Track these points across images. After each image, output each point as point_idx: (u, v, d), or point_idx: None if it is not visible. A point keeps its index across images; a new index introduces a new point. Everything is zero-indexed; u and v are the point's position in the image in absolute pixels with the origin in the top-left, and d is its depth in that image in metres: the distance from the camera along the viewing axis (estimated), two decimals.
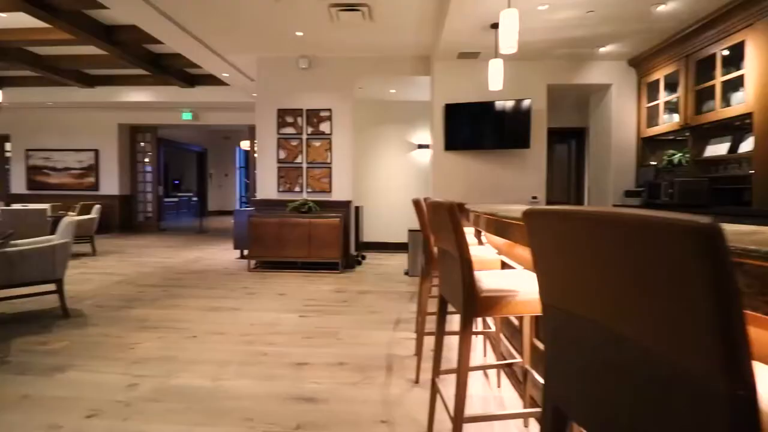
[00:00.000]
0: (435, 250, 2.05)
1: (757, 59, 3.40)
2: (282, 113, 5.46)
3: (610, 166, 5.20)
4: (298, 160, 5.44)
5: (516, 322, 2.24)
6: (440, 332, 1.66)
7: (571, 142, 6.99)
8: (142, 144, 9.77)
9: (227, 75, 6.48)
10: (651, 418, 0.56)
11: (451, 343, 2.65)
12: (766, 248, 0.67)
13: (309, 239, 4.94)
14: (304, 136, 5.43)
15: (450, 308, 1.57)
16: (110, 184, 9.18)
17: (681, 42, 4.29)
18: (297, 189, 5.44)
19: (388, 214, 6.84)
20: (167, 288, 4.24)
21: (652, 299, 0.52)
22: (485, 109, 5.01)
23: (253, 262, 5.23)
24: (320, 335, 2.88)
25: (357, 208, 5.63)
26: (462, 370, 1.33)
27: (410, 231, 5.12)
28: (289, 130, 5.46)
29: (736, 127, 3.96)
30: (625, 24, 4.06)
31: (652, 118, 4.87)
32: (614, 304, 0.59)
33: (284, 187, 5.45)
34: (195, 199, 14.31)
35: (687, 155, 4.40)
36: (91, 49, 5.95)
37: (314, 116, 5.43)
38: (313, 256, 4.97)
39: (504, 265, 2.26)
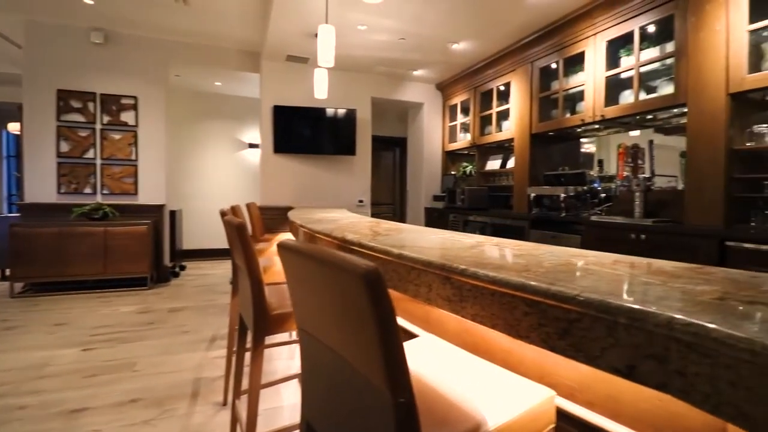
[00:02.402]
0: None
1: (518, 97, 4.42)
2: (65, 95, 4.38)
3: (422, 173, 5.97)
4: (90, 154, 4.45)
5: None
6: (240, 350, 1.59)
7: (395, 150, 7.76)
8: None
9: None
10: (361, 426, 0.64)
11: (269, 354, 2.59)
12: (463, 266, 0.86)
13: (105, 252, 4.10)
14: (98, 126, 4.48)
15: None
16: None
17: (471, 75, 5.24)
18: (88, 190, 4.44)
19: (215, 217, 6.27)
20: None
21: (348, 324, 0.59)
22: (314, 114, 5.09)
23: (19, 285, 4.04)
24: (109, 370, 2.41)
25: (173, 213, 4.97)
26: (253, 390, 1.30)
27: None
28: (76, 117, 4.42)
29: (505, 148, 5.07)
30: (430, 54, 4.72)
31: (453, 135, 5.81)
32: (330, 327, 0.66)
33: (68, 188, 4.38)
34: None
35: (475, 168, 5.41)
36: None
37: (113, 103, 4.53)
38: (111, 272, 4.14)
39: None
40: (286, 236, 3.39)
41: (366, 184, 5.53)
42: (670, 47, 2.91)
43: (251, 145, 6.50)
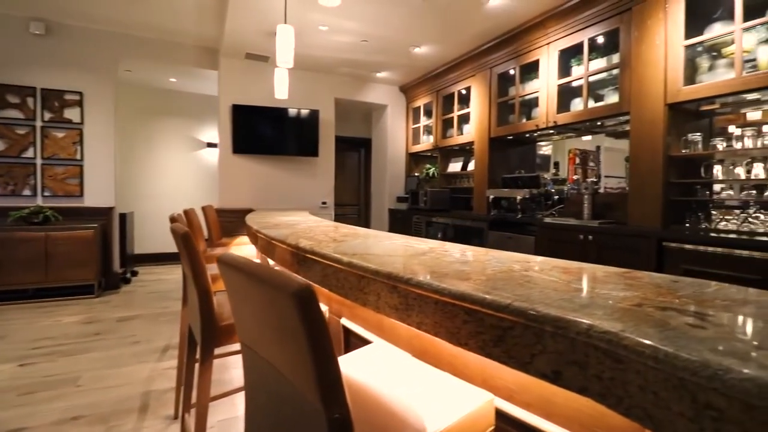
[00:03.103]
0: None
1: (478, 101, 4.53)
2: (0, 90, 4.04)
3: (386, 175, 6.00)
4: (29, 153, 4.13)
5: None
6: (190, 362, 1.53)
7: (361, 150, 7.75)
8: None
9: None
10: None
11: (225, 362, 2.51)
12: (409, 276, 0.87)
13: (46, 258, 3.81)
14: (39, 124, 4.17)
15: None
16: None
17: (433, 79, 5.32)
18: (27, 192, 4.12)
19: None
20: None
21: (283, 340, 0.58)
22: (275, 114, 4.99)
23: None
24: (49, 386, 2.25)
25: (123, 215, 4.71)
26: (201, 404, 1.25)
27: None
28: (14, 113, 4.09)
29: (466, 151, 5.20)
30: (392, 57, 4.75)
31: (416, 137, 5.88)
32: (267, 342, 0.65)
33: (4, 190, 4.03)
34: None
35: (437, 169, 5.50)
36: None
37: (55, 99, 4.23)
38: (53, 280, 3.86)
39: None
40: (245, 240, 3.31)
41: (329, 186, 5.49)
42: (615, 58, 3.09)
43: (209, 145, 6.28)
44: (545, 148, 5.80)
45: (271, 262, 2.12)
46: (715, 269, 2.17)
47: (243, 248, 2.92)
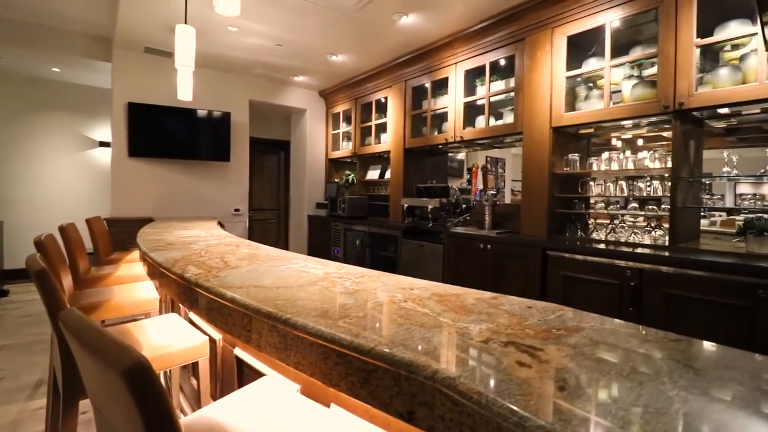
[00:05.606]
0: None
1: (394, 112, 4.66)
2: None
3: (305, 180, 5.89)
4: None
5: None
6: (54, 410, 1.35)
7: (280, 153, 7.49)
8: None
9: None
10: None
11: None
12: (287, 316, 0.86)
13: None
14: None
15: None
16: None
17: (352, 86, 5.35)
18: None
19: (53, 227, 5.23)
20: None
21: (120, 410, 0.54)
22: (180, 115, 4.62)
23: None
24: None
25: None
26: None
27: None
28: None
29: (384, 159, 5.31)
30: (309, 62, 4.68)
31: (336, 143, 5.86)
32: (109, 407, 0.60)
33: None
34: None
35: (356, 176, 5.55)
36: None
37: None
38: None
39: (173, 306, 2.10)
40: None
41: (243, 193, 5.23)
42: (512, 82, 3.39)
43: (103, 144, 5.60)
44: (461, 155, 6.17)
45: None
46: (585, 274, 2.50)
47: (137, 266, 2.65)
